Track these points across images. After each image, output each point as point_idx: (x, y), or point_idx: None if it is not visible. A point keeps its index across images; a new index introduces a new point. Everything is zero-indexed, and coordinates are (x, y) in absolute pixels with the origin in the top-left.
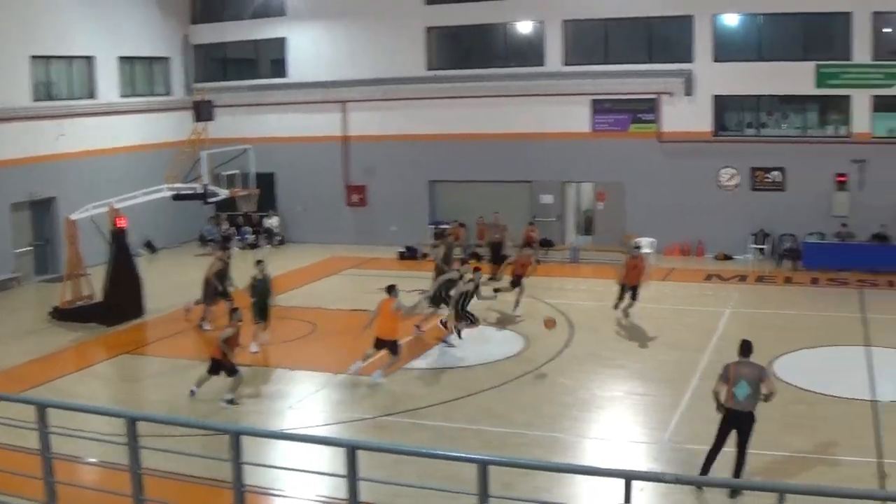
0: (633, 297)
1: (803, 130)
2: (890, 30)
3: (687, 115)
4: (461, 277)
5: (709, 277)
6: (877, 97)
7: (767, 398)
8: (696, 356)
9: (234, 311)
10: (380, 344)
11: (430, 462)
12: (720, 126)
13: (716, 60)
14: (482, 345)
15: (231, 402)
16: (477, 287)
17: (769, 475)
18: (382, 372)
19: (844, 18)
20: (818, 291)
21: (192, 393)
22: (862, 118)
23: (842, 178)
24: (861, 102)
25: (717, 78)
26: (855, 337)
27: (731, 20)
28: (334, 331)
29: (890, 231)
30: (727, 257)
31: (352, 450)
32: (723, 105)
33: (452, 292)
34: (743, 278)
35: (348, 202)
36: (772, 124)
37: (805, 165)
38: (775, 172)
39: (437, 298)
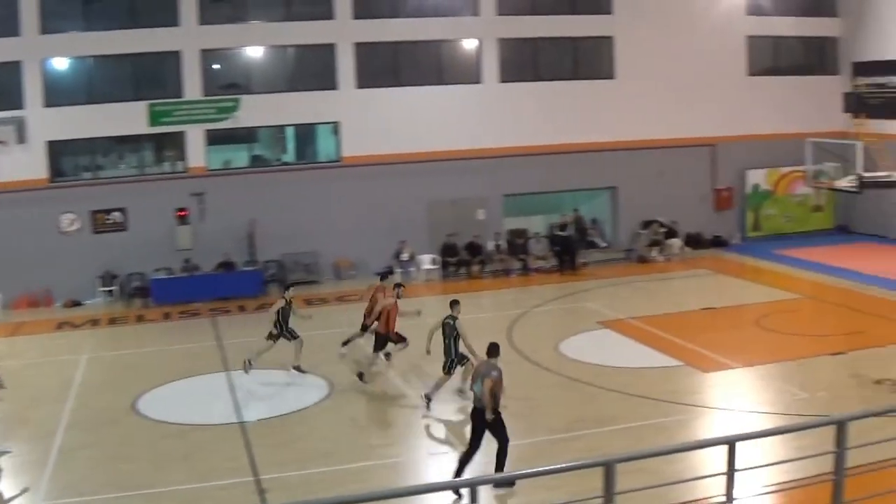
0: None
1: (141, 169)
2: (219, 66)
3: (21, 163)
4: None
5: (60, 326)
6: (210, 131)
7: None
8: (59, 407)
9: None
10: None
11: None
12: (57, 172)
13: (47, 105)
14: None
15: None
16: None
17: None
18: None
19: (174, 57)
20: (172, 326)
21: None
22: (197, 152)
23: (183, 213)
24: (195, 137)
25: (51, 123)
26: (214, 364)
27: (61, 64)
28: None
29: (234, 258)
30: (76, 303)
31: None
32: (58, 150)
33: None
34: (96, 322)
35: None
36: (109, 166)
37: (146, 203)
38: (116, 213)
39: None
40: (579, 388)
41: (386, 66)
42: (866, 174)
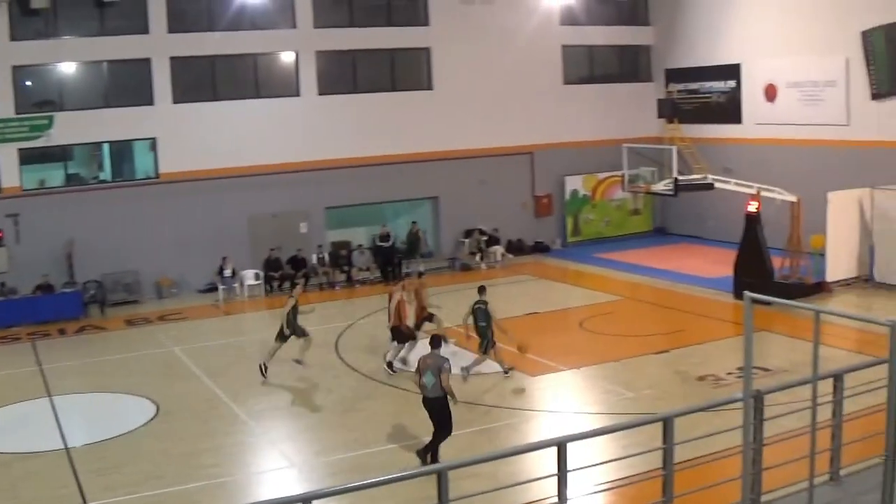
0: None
1: None
2: (31, 83)
3: None
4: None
5: None
6: (23, 150)
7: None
8: None
9: None
10: None
11: None
12: None
13: None
14: None
15: None
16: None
17: None
18: None
19: None
20: None
21: None
22: (10, 172)
23: None
24: (8, 156)
25: None
26: (36, 390)
27: None
28: None
29: (52, 279)
30: None
31: None
32: None
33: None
34: None
35: None
36: None
37: None
38: None
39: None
40: (407, 396)
41: (203, 81)
42: (681, 177)
